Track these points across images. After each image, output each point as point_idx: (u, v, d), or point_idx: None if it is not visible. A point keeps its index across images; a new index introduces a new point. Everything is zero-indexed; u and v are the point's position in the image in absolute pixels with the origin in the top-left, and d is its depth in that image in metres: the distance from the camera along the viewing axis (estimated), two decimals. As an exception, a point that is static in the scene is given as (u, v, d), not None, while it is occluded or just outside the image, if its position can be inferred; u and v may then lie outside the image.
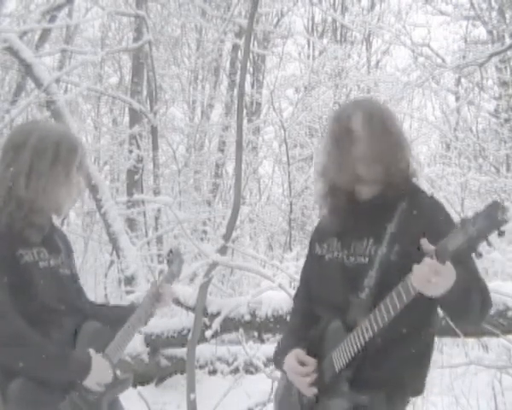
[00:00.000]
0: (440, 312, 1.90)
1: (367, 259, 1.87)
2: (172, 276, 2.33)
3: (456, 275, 1.64)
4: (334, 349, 1.84)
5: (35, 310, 2.02)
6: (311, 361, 1.91)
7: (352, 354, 1.79)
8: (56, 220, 2.32)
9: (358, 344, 1.78)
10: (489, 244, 1.55)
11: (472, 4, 8.68)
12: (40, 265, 2.08)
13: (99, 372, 2.06)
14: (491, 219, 1.53)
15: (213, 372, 5.87)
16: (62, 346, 2.05)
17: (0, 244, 2.01)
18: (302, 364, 1.92)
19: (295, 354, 1.94)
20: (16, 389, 1.98)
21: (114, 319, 2.29)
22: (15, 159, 2.03)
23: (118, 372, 2.17)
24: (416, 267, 1.64)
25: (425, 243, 1.66)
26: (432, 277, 1.61)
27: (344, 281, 1.90)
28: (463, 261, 1.68)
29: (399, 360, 1.82)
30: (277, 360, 2.03)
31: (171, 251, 2.38)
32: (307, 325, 2.01)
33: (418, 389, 1.92)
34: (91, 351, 2.07)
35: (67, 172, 2.08)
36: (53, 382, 2.00)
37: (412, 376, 1.87)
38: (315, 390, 1.89)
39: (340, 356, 1.82)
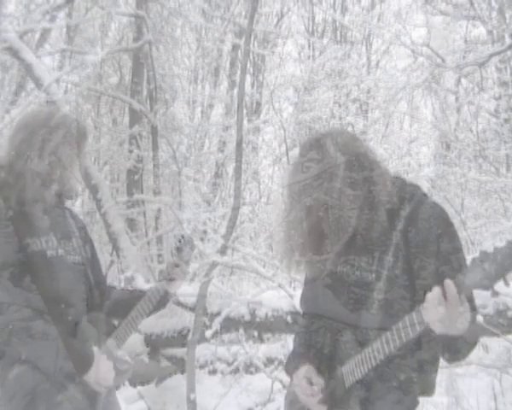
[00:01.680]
0: None
1: (374, 275, 1.82)
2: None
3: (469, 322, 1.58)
4: (344, 364, 1.82)
5: (38, 300, 2.03)
6: (319, 382, 1.88)
7: (363, 373, 1.77)
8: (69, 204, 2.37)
9: (369, 365, 1.75)
10: (506, 284, 1.49)
11: (472, 4, 8.65)
12: (48, 254, 2.10)
13: (100, 372, 2.06)
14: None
15: (213, 372, 5.86)
16: (65, 336, 2.05)
17: (8, 231, 2.04)
18: (310, 382, 1.89)
19: (305, 372, 1.91)
20: (14, 379, 1.99)
21: (132, 302, 2.28)
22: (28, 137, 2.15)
23: (117, 364, 2.16)
24: (426, 298, 1.59)
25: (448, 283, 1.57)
26: (437, 305, 1.55)
27: (350, 297, 1.86)
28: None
29: (408, 368, 1.81)
30: (288, 369, 2.01)
31: (182, 237, 2.31)
32: (316, 330, 1.98)
33: (428, 391, 1.91)
34: (96, 349, 2.08)
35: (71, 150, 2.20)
36: (55, 371, 2.02)
37: (422, 382, 1.87)
38: (323, 408, 1.87)
39: (350, 373, 1.81)
